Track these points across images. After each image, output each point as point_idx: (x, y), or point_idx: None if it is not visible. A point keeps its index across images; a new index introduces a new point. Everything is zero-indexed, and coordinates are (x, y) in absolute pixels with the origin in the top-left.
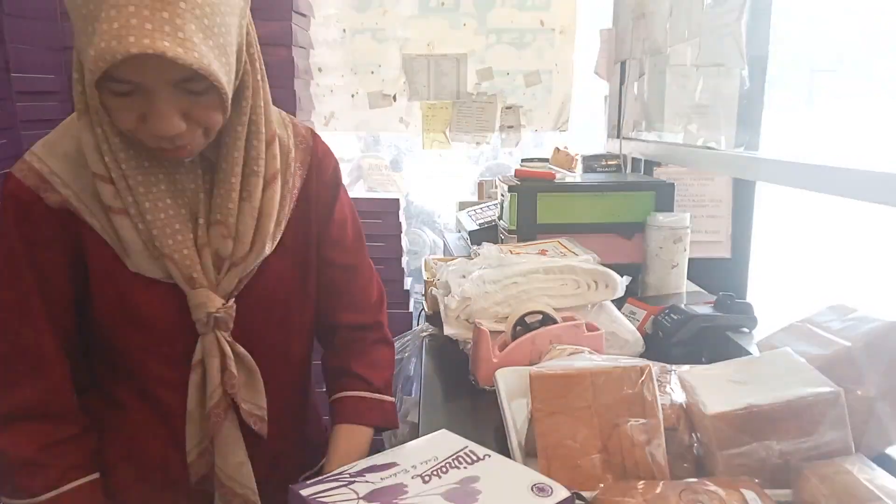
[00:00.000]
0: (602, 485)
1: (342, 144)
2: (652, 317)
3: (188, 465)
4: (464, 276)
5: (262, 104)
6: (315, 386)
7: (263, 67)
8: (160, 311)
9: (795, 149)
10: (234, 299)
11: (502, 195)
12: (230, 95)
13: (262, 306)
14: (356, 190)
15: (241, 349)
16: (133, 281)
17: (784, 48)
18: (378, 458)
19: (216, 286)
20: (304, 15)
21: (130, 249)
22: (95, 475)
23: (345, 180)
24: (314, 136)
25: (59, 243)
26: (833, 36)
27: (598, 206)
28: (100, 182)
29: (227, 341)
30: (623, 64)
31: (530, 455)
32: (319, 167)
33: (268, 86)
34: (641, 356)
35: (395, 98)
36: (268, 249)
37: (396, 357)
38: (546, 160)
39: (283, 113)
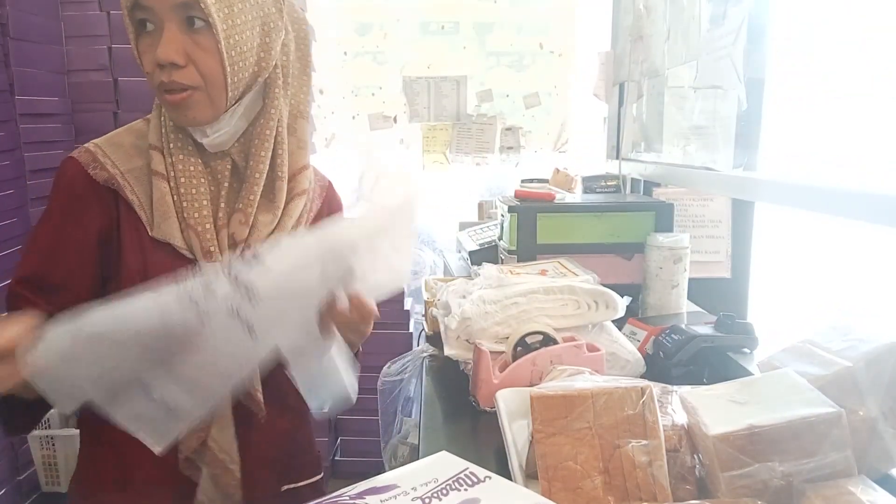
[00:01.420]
0: None
1: (343, 165)
2: (652, 337)
3: (179, 442)
4: (464, 297)
5: (286, 118)
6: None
7: (293, 95)
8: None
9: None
10: None
11: (502, 215)
12: (226, 53)
13: None
14: (356, 211)
15: None
16: (156, 249)
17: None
18: (378, 480)
19: None
20: None
21: (163, 215)
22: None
23: (346, 201)
24: (329, 182)
25: (95, 213)
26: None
27: (598, 227)
28: (154, 152)
29: None
30: (622, 86)
31: (531, 477)
32: (331, 205)
33: (300, 117)
34: (642, 377)
35: (395, 119)
36: None
37: (396, 378)
38: (546, 181)
39: None
